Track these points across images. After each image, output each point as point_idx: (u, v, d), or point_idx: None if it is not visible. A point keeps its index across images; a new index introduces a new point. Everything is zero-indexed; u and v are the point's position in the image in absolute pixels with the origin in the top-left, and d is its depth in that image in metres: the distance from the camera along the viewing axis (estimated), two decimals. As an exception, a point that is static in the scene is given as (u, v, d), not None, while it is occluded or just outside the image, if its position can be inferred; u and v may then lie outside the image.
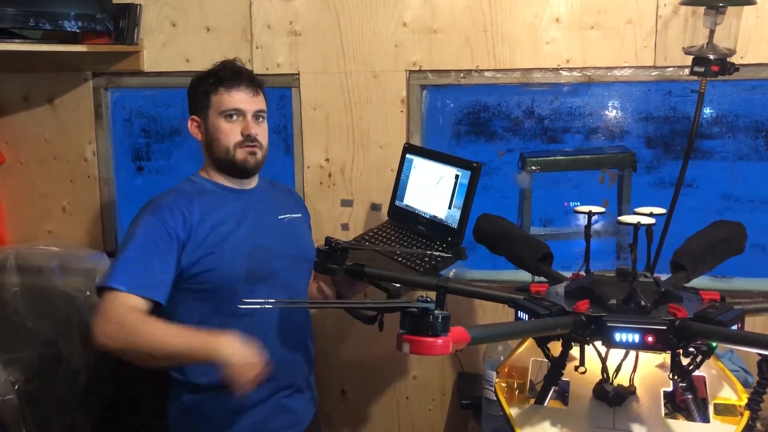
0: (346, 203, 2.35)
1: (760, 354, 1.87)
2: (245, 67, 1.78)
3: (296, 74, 2.35)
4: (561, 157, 2.33)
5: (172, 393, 1.75)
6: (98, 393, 2.41)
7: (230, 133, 1.67)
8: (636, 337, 1.17)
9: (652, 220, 1.32)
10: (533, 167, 2.34)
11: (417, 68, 2.27)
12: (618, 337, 1.18)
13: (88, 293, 2.31)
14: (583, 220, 1.56)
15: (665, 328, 1.16)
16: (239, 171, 1.71)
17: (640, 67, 2.14)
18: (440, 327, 0.91)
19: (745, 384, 2.04)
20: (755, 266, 2.29)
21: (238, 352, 1.43)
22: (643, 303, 1.24)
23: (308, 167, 2.38)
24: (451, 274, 2.35)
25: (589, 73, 2.18)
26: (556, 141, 2.63)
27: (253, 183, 1.78)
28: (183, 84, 2.47)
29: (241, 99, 1.68)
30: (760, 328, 2.10)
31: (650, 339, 1.17)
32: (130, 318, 1.50)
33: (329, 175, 2.37)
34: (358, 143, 2.34)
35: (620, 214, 2.01)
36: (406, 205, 1.88)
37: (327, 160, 2.37)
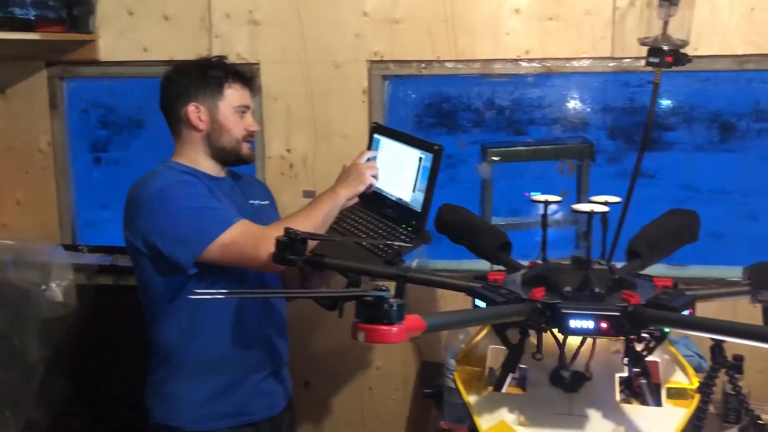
0: (309, 194, 2.33)
1: (712, 339, 1.92)
2: None
3: (256, 64, 2.32)
4: (521, 148, 2.35)
5: (149, 379, 1.78)
6: (55, 387, 2.37)
7: (240, 127, 1.76)
8: (590, 324, 1.18)
9: (605, 209, 1.34)
10: (494, 158, 2.35)
11: (378, 58, 2.27)
12: (573, 323, 1.19)
13: (43, 287, 2.27)
14: (549, 210, 1.57)
15: (619, 314, 1.18)
16: (238, 162, 1.81)
17: (598, 59, 2.17)
18: (395, 315, 0.91)
19: (699, 369, 2.10)
20: (713, 254, 2.35)
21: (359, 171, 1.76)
22: (597, 290, 1.26)
23: (269, 158, 2.36)
24: (414, 263, 2.36)
25: (548, 64, 2.21)
26: (517, 132, 2.66)
27: (225, 172, 1.83)
28: (141, 74, 2.46)
29: (249, 97, 1.80)
30: (713, 314, 2.15)
31: (604, 325, 1.18)
32: (271, 229, 1.57)
33: (291, 166, 2.36)
34: (320, 133, 2.33)
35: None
36: (375, 187, 1.88)
37: (289, 150, 2.35)
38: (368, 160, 1.85)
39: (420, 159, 1.72)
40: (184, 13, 2.34)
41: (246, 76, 1.79)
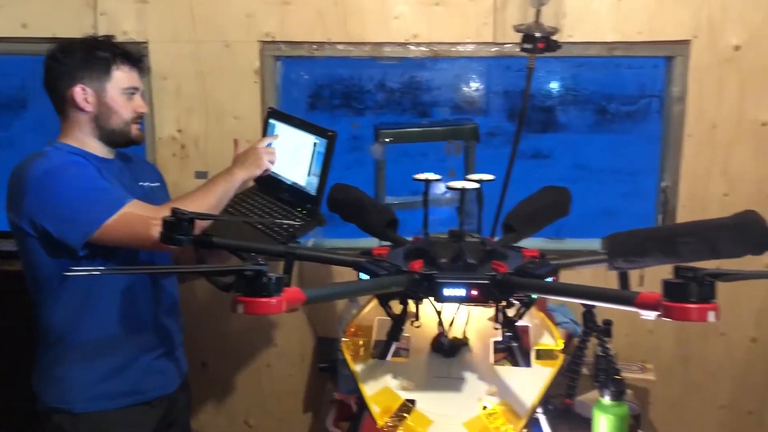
0: (201, 175, 2.33)
1: (583, 305, 2.08)
2: None
3: (144, 43, 2.28)
4: (411, 129, 2.44)
5: (38, 363, 1.76)
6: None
7: (128, 109, 1.75)
8: (462, 292, 1.28)
9: (475, 185, 1.44)
10: (385, 139, 2.43)
11: (270, 39, 2.28)
12: (446, 292, 1.28)
13: None
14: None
15: (488, 282, 1.28)
16: (127, 144, 1.79)
17: (481, 43, 2.27)
18: (273, 288, 0.96)
19: (574, 333, 2.28)
20: (603, 228, 2.52)
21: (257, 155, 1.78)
22: (470, 261, 1.35)
23: (160, 138, 2.33)
24: (310, 243, 2.41)
25: (435, 48, 2.29)
26: (421, 114, 2.74)
27: (114, 154, 1.81)
28: (21, 51, 2.36)
29: (137, 78, 1.78)
30: (590, 282, 2.33)
31: (475, 292, 1.28)
32: (162, 210, 1.56)
33: (182, 147, 2.34)
34: (211, 114, 2.33)
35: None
36: (271, 172, 1.90)
37: (180, 131, 2.33)
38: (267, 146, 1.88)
39: (314, 144, 1.77)
40: (66, -13, 2.26)
41: (134, 56, 1.77)
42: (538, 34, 1.85)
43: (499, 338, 1.49)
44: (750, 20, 2.21)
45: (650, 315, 0.99)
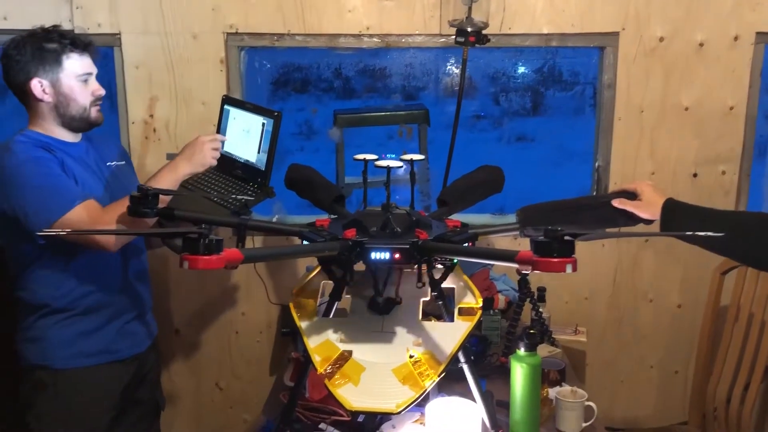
0: (171, 156, 2.50)
1: (519, 274, 2.29)
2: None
3: (117, 34, 2.46)
4: (366, 114, 2.63)
5: (20, 325, 1.92)
6: None
7: (85, 94, 1.85)
8: (386, 255, 1.48)
9: (399, 164, 1.64)
10: (344, 123, 2.63)
11: (234, 31, 2.46)
12: (373, 255, 1.49)
13: None
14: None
15: (408, 247, 1.49)
16: (90, 127, 1.90)
17: (429, 35, 2.46)
18: (213, 247, 1.16)
19: (513, 300, 2.49)
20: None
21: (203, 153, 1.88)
22: (396, 229, 1.56)
23: (133, 123, 2.52)
24: (275, 218, 2.60)
25: (387, 40, 2.48)
26: (365, 99, 2.92)
27: (80, 137, 1.95)
28: (1, 42, 2.51)
29: (90, 63, 1.87)
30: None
31: (397, 256, 1.49)
32: (110, 210, 1.73)
33: (154, 131, 2.52)
34: (181, 100, 2.51)
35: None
36: (226, 152, 2.09)
37: (151, 116, 2.51)
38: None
39: (263, 124, 1.96)
40: (43, -18, 2.42)
41: (83, 42, 1.84)
42: (469, 29, 2.04)
43: (428, 298, 1.70)
44: (672, 14, 2.42)
45: (527, 269, 1.20)
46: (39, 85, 1.81)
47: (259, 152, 1.96)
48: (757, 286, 2.34)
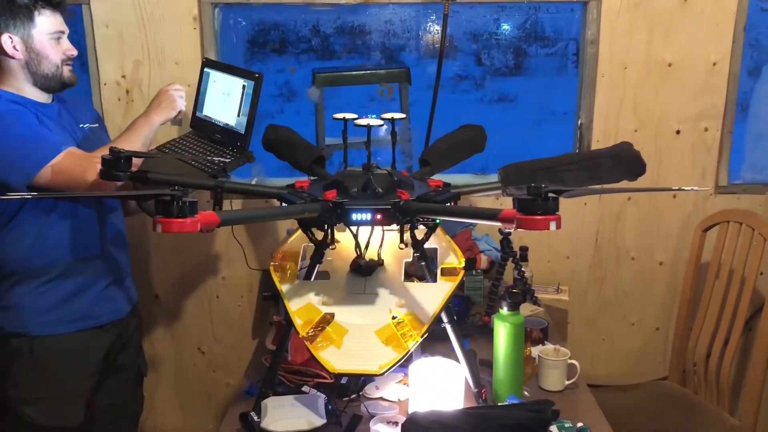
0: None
1: (501, 233, 2.27)
2: None
3: (86, -9, 2.36)
4: (345, 73, 2.58)
5: None
6: None
7: (57, 53, 1.82)
8: (368, 216, 1.46)
9: (379, 122, 1.61)
10: (323, 82, 2.57)
11: (207, -14, 2.38)
12: (354, 216, 1.46)
13: None
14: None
15: (390, 207, 1.46)
16: (62, 87, 1.86)
17: (409, -10, 2.40)
18: (188, 210, 1.12)
19: (496, 260, 2.49)
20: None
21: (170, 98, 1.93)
22: (378, 190, 1.53)
23: (105, 84, 2.44)
24: (254, 181, 2.56)
25: (365, -5, 2.41)
26: (345, 59, 2.86)
27: (51, 98, 1.90)
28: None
29: (62, 22, 1.83)
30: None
31: (379, 216, 1.46)
32: (96, 154, 1.69)
33: (127, 92, 2.45)
34: (153, 60, 2.43)
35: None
36: (205, 116, 2.04)
37: (123, 76, 2.44)
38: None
39: (243, 87, 1.91)
40: (4, -64, 2.31)
41: (55, 0, 1.81)
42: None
43: (410, 259, 1.69)
44: (657, -33, 2.37)
45: (510, 227, 1.18)
46: (9, 41, 1.76)
47: (239, 115, 1.91)
48: (738, 243, 2.34)
